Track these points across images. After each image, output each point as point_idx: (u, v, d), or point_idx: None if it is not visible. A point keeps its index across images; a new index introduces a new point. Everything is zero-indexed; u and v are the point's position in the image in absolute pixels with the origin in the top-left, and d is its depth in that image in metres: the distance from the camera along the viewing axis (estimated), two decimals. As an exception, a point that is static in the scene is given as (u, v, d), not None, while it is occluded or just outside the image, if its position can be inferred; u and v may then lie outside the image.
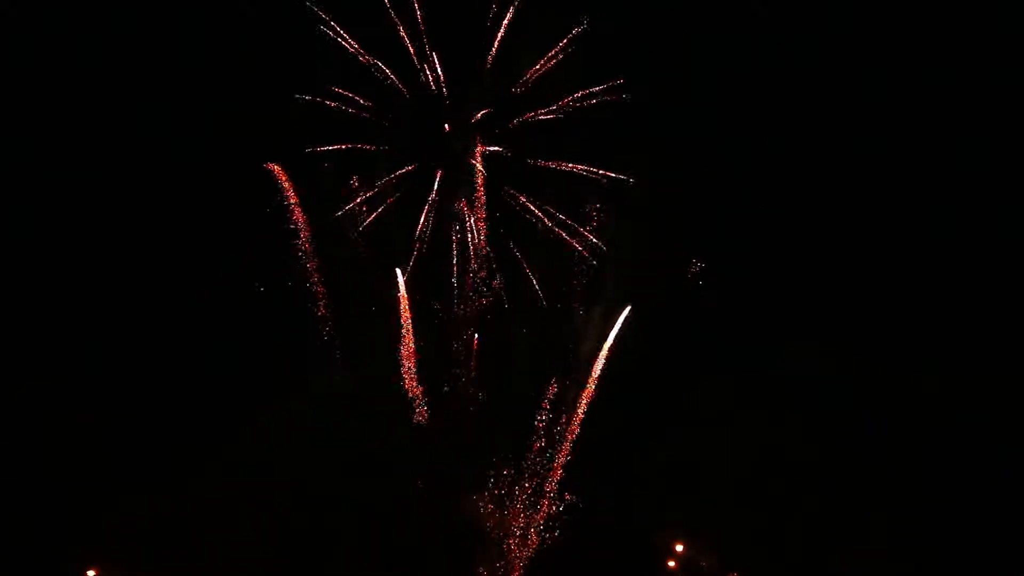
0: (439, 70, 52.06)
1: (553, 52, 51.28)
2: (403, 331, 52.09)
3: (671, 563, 44.78)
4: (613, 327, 49.81)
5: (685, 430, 43.19)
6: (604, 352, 49.61)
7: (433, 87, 52.37)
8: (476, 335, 53.65)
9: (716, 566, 43.02)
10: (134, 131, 49.09)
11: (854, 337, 43.09)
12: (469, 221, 52.91)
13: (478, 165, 51.93)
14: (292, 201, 50.56)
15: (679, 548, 44.46)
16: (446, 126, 52.84)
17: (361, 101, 51.66)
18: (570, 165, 51.21)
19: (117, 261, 47.64)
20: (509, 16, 50.47)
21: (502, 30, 51.04)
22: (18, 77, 47.41)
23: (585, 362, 50.75)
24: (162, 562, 37.71)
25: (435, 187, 52.44)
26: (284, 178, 50.07)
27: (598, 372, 49.75)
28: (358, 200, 51.98)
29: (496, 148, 52.91)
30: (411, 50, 51.82)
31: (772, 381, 42.36)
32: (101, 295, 46.84)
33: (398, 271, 51.15)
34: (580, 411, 49.86)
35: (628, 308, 49.42)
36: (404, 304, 52.04)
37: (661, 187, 49.56)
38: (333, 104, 50.96)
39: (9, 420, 38.60)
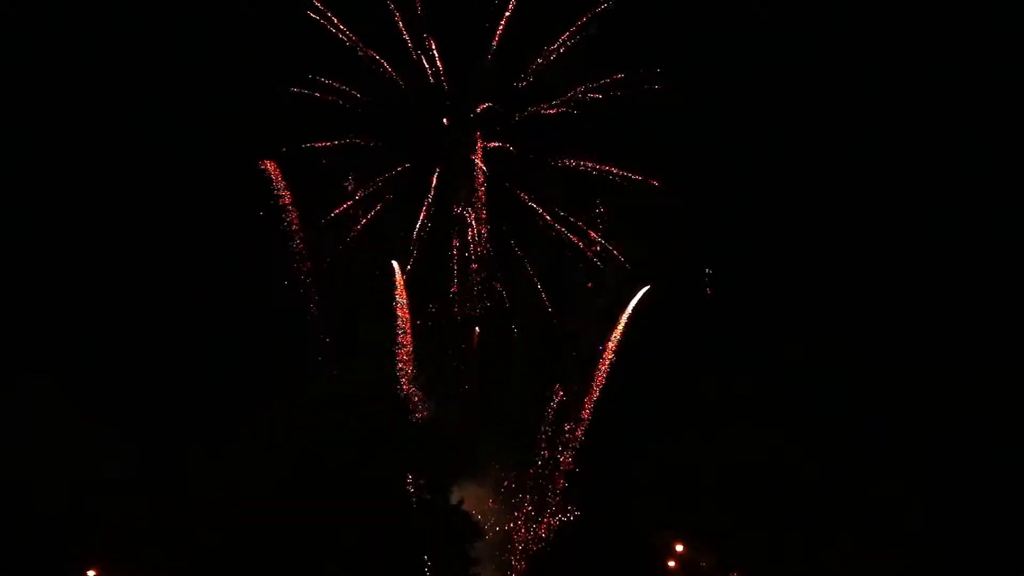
0: (437, 61, 50.87)
1: (557, 44, 50.23)
2: (401, 332, 51.87)
3: (671, 563, 44.77)
4: (627, 307, 49.46)
5: (685, 430, 43.20)
6: (614, 339, 49.32)
7: (432, 79, 51.22)
8: (476, 336, 53.45)
9: (716, 566, 43.00)
10: (129, 130, 48.90)
11: (854, 337, 43.08)
12: (470, 220, 52.40)
13: (479, 162, 51.15)
14: (287, 202, 50.13)
15: (679, 548, 44.44)
16: (445, 120, 51.92)
17: (357, 95, 50.84)
18: (573, 162, 50.49)
19: (117, 262, 47.58)
20: (512, 3, 49.30)
21: (504, 20, 49.99)
22: (10, 76, 47.35)
23: (587, 361, 50.59)
24: (162, 562, 37.62)
25: (433, 185, 51.80)
26: (278, 176, 49.58)
27: (604, 374, 49.64)
28: (354, 200, 51.39)
29: (498, 143, 51.97)
30: (408, 40, 50.59)
31: (772, 381, 42.32)
32: (101, 295, 46.78)
33: (395, 265, 50.69)
34: (584, 416, 49.69)
35: (647, 287, 49.08)
36: (402, 303, 51.78)
37: (663, 187, 49.44)
38: (330, 98, 50.25)
39: (9, 420, 38.51)
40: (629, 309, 49.36)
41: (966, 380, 39.34)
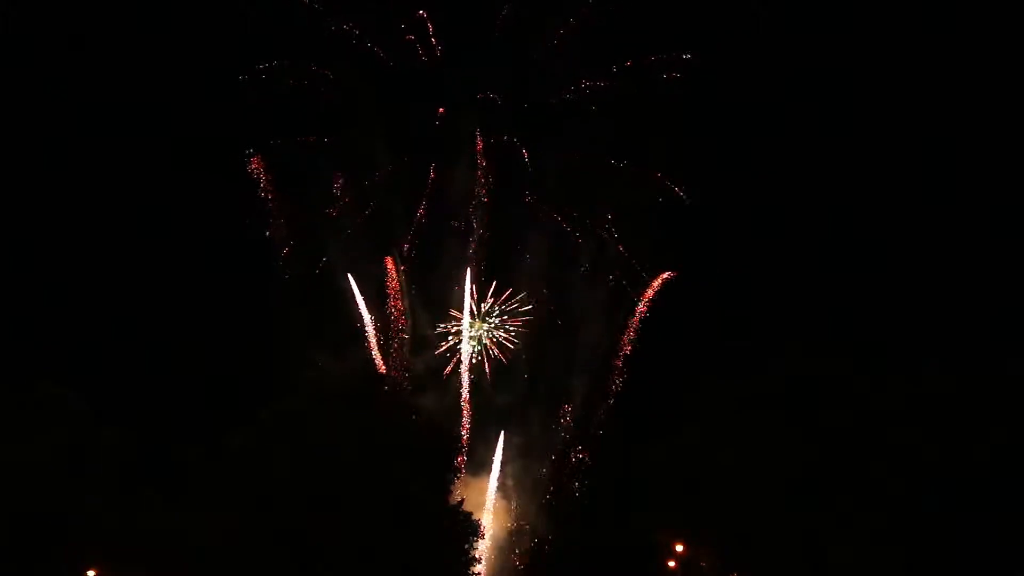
0: (435, 49, 50.03)
1: (562, 32, 49.53)
2: (399, 328, 51.83)
3: (671, 563, 44.81)
4: (635, 302, 49.33)
5: (686, 430, 43.26)
6: (619, 340, 49.22)
7: (430, 68, 50.19)
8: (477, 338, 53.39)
9: (716, 566, 43.04)
10: (124, 128, 49.00)
11: (853, 337, 43.18)
12: (469, 216, 51.99)
13: (478, 156, 50.55)
14: (283, 199, 49.97)
15: (679, 548, 44.47)
16: (440, 110, 51.15)
17: (352, 85, 50.12)
18: (577, 154, 49.97)
19: (114, 262, 47.72)
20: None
21: (504, 7, 49.24)
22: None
23: (588, 359, 50.56)
24: (162, 563, 37.62)
25: (430, 179, 51.37)
26: (267, 178, 49.36)
27: (607, 379, 49.63)
28: (352, 195, 51.09)
29: (496, 136, 51.26)
30: (404, 27, 49.88)
31: (772, 381, 42.37)
32: (100, 296, 46.90)
33: (392, 261, 50.48)
34: (591, 416, 49.62)
35: (668, 274, 48.94)
36: (400, 302, 51.73)
37: (667, 182, 49.41)
38: (322, 89, 49.85)
39: (9, 420, 38.56)
40: (645, 298, 49.23)
41: (966, 380, 39.36)
